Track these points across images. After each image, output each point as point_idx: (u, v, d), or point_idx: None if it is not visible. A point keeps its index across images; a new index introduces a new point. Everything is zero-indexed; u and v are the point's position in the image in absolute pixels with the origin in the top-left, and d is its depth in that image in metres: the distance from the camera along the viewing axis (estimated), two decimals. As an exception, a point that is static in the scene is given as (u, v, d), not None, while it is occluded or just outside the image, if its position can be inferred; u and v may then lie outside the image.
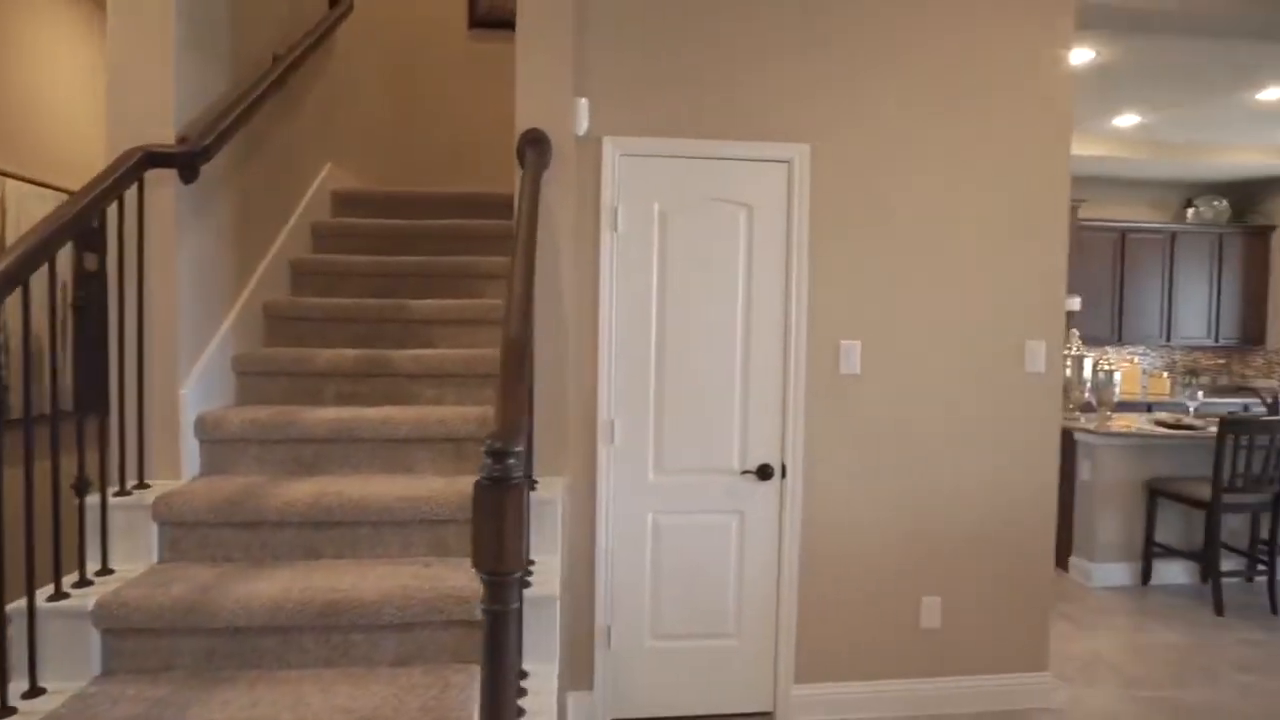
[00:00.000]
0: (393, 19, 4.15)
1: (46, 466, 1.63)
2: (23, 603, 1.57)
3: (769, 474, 2.71)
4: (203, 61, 2.28)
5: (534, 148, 2.28)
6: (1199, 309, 6.85)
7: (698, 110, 2.65)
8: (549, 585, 1.96)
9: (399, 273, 2.95)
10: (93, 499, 1.83)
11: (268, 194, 2.82)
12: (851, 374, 2.75)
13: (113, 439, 1.99)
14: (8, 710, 1.46)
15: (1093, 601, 4.07)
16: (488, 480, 1.11)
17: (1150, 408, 6.28)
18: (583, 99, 2.54)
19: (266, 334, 2.75)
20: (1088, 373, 4.74)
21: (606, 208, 2.61)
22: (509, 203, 2.58)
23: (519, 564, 1.12)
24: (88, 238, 1.91)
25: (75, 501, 1.79)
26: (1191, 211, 7.00)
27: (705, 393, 2.68)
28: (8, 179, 2.91)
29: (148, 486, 2.01)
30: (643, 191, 2.64)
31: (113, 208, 1.85)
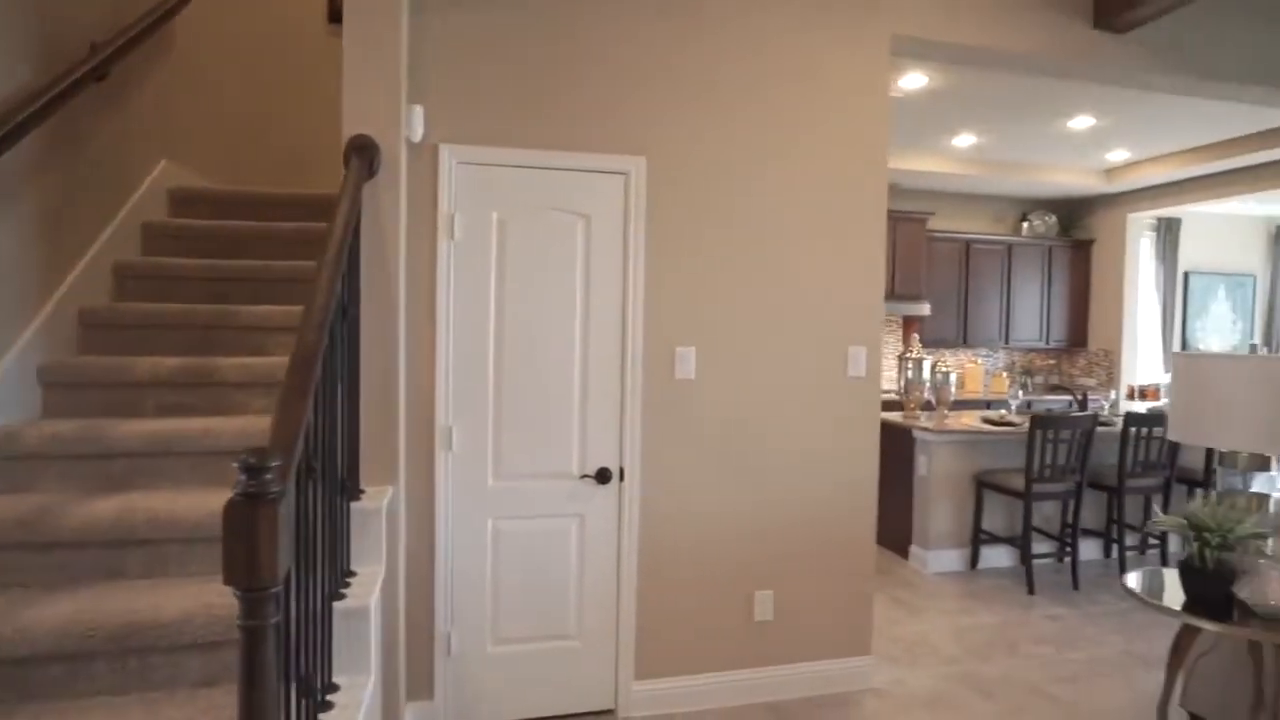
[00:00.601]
0: (245, 9, 3.98)
1: None
2: None
3: (608, 477, 2.79)
4: (-11, 52, 2.13)
5: (359, 154, 2.27)
6: (1032, 314, 7.51)
7: (537, 121, 2.70)
8: (364, 597, 1.95)
9: (235, 277, 2.85)
10: None
11: (86, 191, 2.66)
12: (687, 379, 2.87)
13: None
14: None
15: (927, 587, 4.40)
16: (240, 497, 1.12)
17: (990, 405, 6.85)
18: (418, 106, 2.55)
19: (83, 342, 2.59)
20: (927, 374, 5.11)
21: (443, 215, 2.61)
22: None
23: (273, 578, 1.13)
24: None
25: None
26: (1026, 225, 7.66)
27: (545, 399, 2.73)
28: None
29: (-83, 511, 1.87)
30: (481, 200, 2.66)
31: None
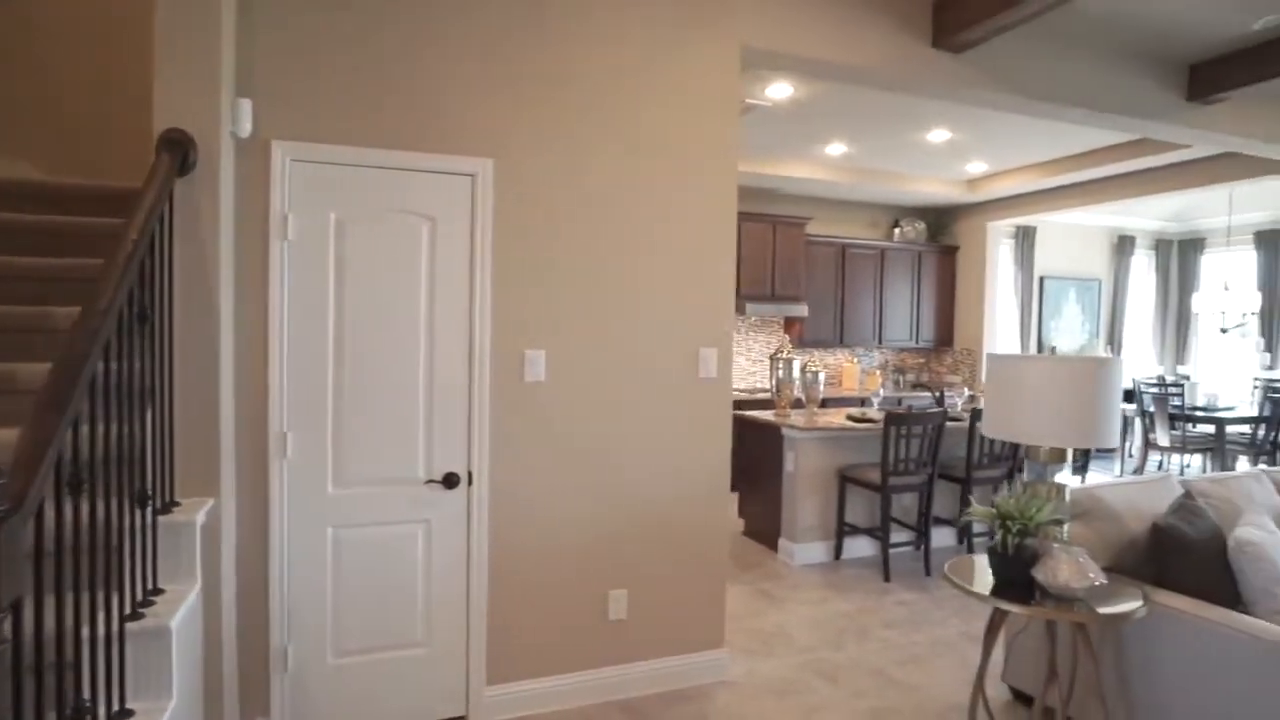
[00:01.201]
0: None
1: None
2: None
3: (455, 482, 2.75)
4: None
5: (170, 150, 2.14)
6: (904, 315, 7.92)
7: (380, 120, 2.63)
8: (167, 616, 1.85)
9: (55, 276, 2.63)
10: None
11: None
12: (537, 382, 2.87)
13: None
14: None
15: (793, 578, 4.57)
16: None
17: (864, 402, 7.18)
18: (246, 100, 2.43)
19: None
20: (797, 373, 5.30)
21: (276, 215, 2.51)
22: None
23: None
24: None
25: None
26: (898, 231, 8.07)
27: (388, 404, 2.67)
28: None
29: None
30: (319, 199, 2.57)
31: None
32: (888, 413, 4.41)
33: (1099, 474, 7.88)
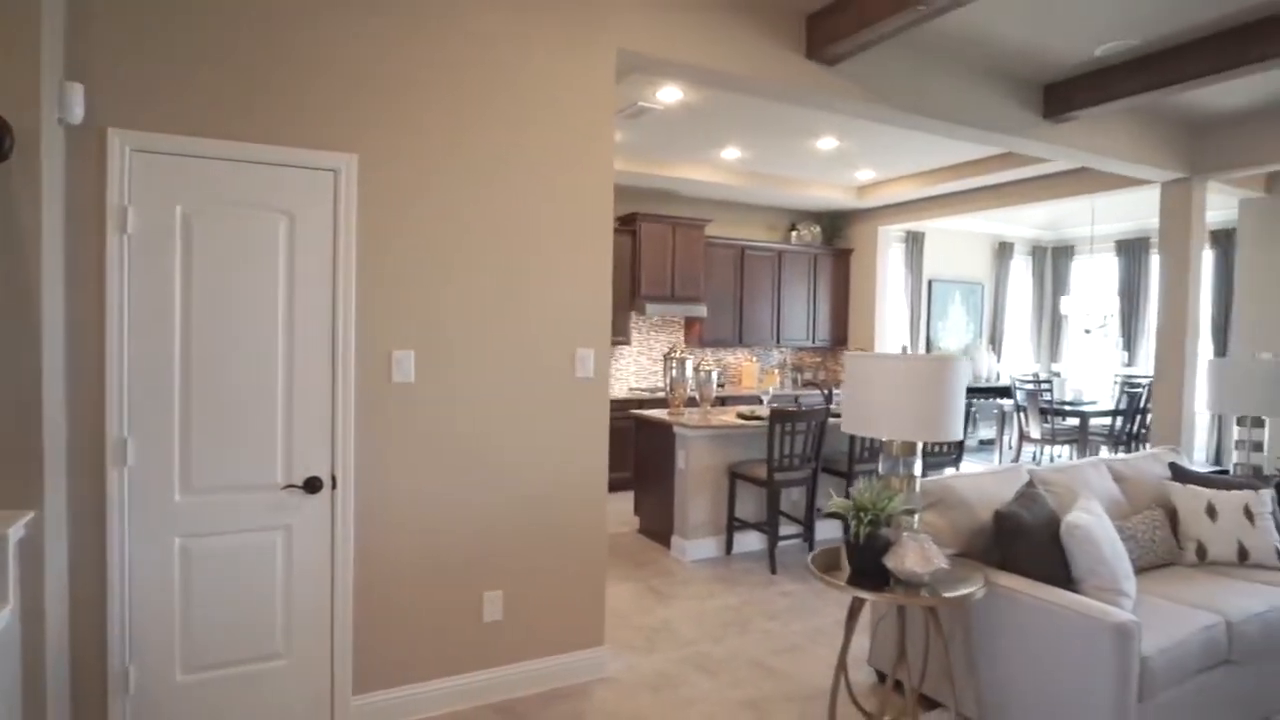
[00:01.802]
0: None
1: None
2: None
3: (318, 486, 2.66)
4: None
5: (-19, 134, 1.98)
6: (800, 316, 8.17)
7: (234, 111, 2.51)
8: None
9: None
10: None
11: None
12: (406, 383, 2.81)
13: None
14: None
15: (683, 574, 4.64)
16: None
17: (761, 399, 7.35)
18: (78, 84, 2.28)
19: None
20: (689, 372, 5.39)
21: (113, 207, 2.35)
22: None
23: None
24: None
25: None
26: (795, 234, 8.32)
27: (242, 406, 2.55)
28: None
29: None
30: (164, 192, 2.43)
31: None
32: (773, 410, 4.54)
33: (977, 466, 8.35)
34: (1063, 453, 8.40)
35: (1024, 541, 2.79)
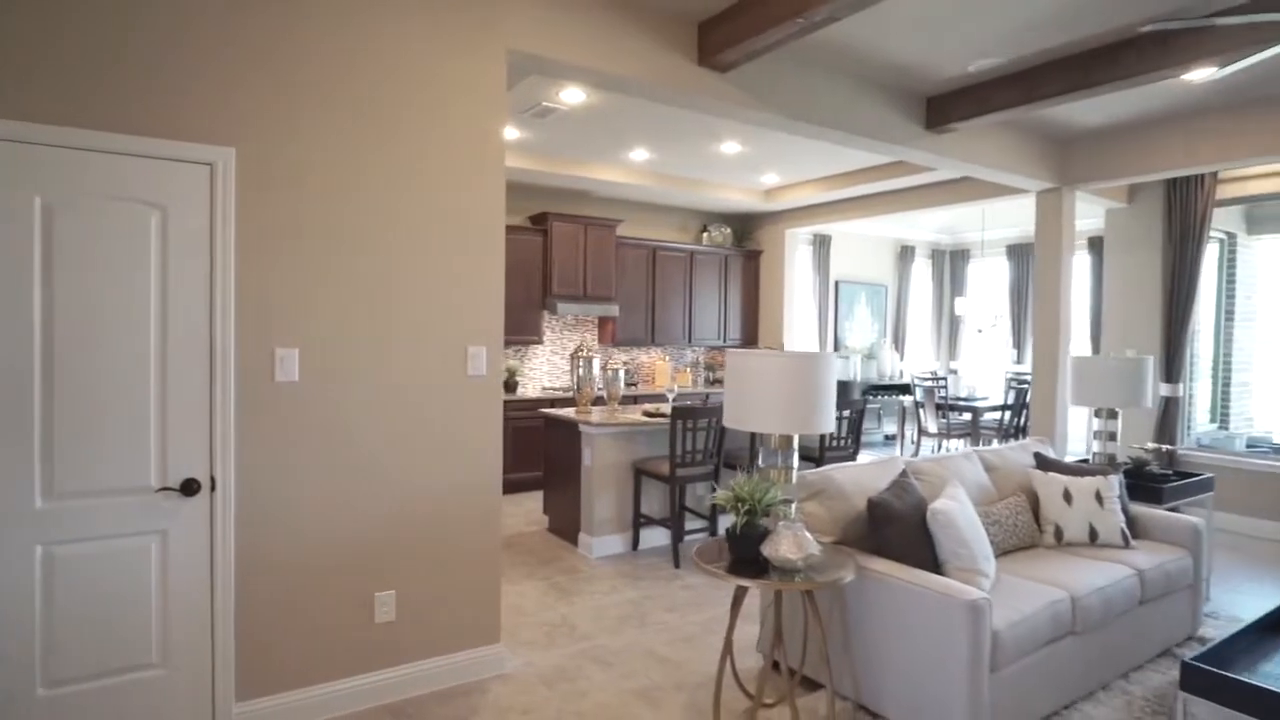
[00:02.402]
0: None
1: None
2: None
3: (195, 489, 2.59)
4: None
5: None
6: (712, 315, 8.36)
7: (99, 99, 2.41)
8: None
9: None
10: None
11: None
12: (290, 382, 2.76)
13: None
14: None
15: (589, 571, 4.70)
16: None
17: (679, 397, 7.49)
18: (-80, 67, 2.15)
19: None
20: (597, 371, 5.45)
21: (-38, 198, 2.24)
22: None
23: None
24: None
25: None
26: (706, 235, 8.51)
27: (111, 407, 2.46)
28: None
29: None
30: (18, 182, 2.32)
31: None
32: (674, 407, 4.65)
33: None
34: (957, 446, 8.88)
35: (894, 528, 2.97)
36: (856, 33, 3.87)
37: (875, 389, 9.35)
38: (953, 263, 10.61)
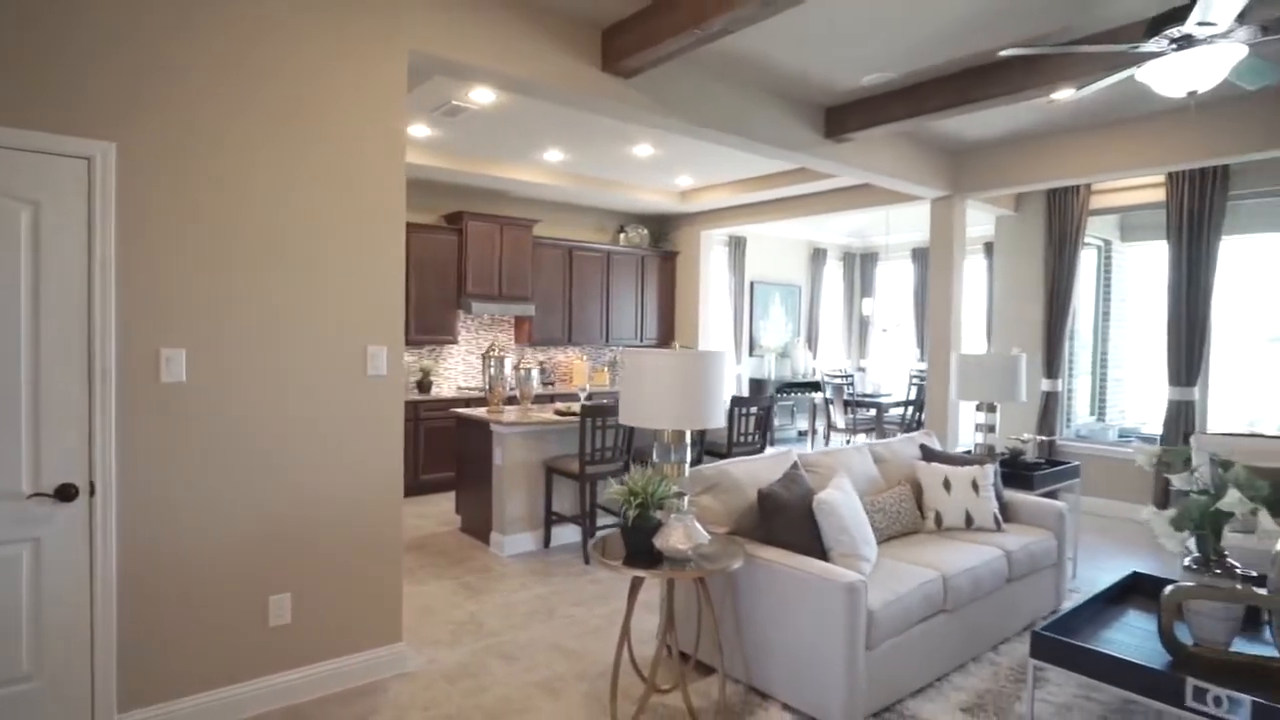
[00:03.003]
0: None
1: None
2: None
3: (73, 494, 2.50)
4: None
5: None
6: (629, 315, 8.47)
7: (-38, 88, 2.31)
8: None
9: None
10: None
11: None
12: (176, 382, 2.70)
13: None
14: None
15: (500, 569, 4.72)
16: None
17: (590, 396, 7.56)
18: None
19: None
20: (509, 370, 5.47)
21: None
22: None
23: None
24: None
25: None
26: (623, 236, 8.61)
27: (-23, 411, 2.36)
28: None
29: None
30: (-128, 174, 2.20)
31: None
32: (584, 406, 4.73)
33: (795, 455, 9.07)
34: (863, 440, 9.27)
35: (782, 517, 3.13)
36: (754, 45, 4.03)
37: (789, 386, 9.67)
38: (862, 265, 11.06)
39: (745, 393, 9.57)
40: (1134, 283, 7.16)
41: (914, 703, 3.01)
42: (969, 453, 4.58)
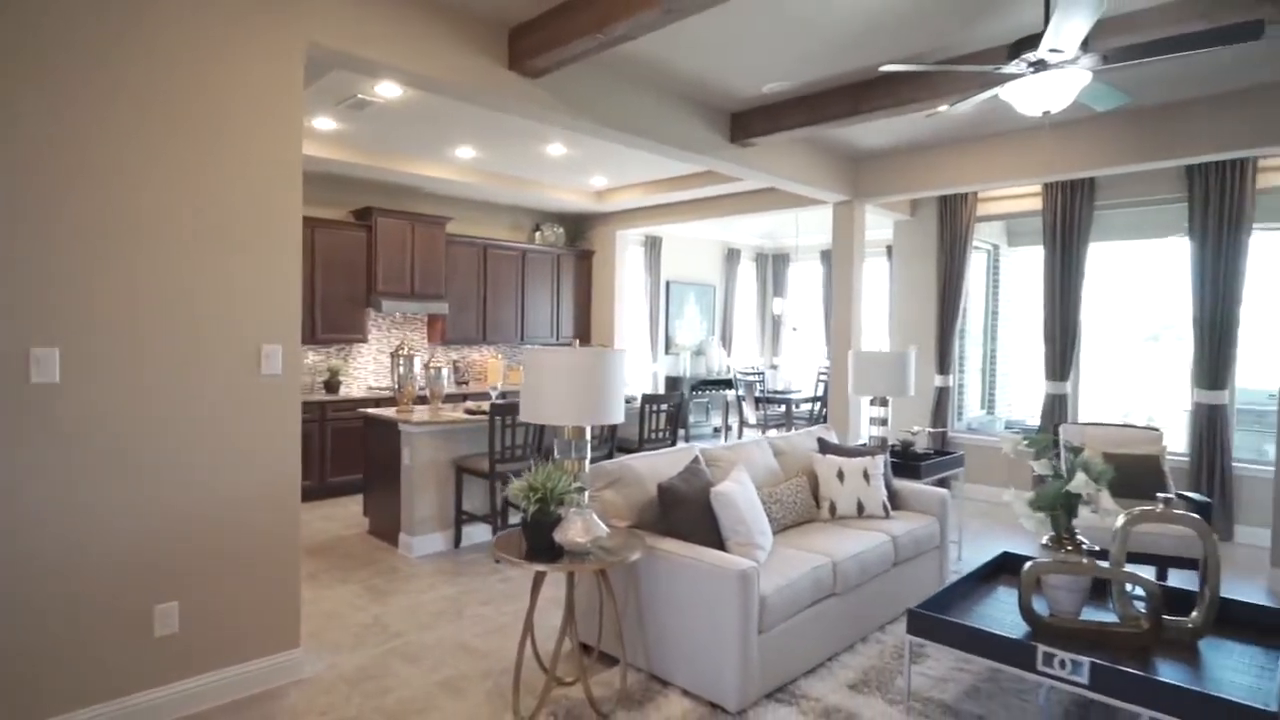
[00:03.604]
0: None
1: None
2: None
3: (-70, 503, 2.36)
4: None
5: None
6: (544, 314, 8.48)
7: None
8: None
9: None
10: None
11: None
12: (48, 383, 2.58)
13: None
14: None
15: (408, 570, 4.67)
16: None
17: (504, 395, 7.53)
18: None
19: None
20: (419, 369, 5.41)
21: None
22: None
23: None
24: None
25: None
26: (539, 235, 8.62)
27: None
28: None
29: None
30: None
31: None
32: (493, 404, 4.73)
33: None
34: (774, 435, 9.57)
35: (682, 509, 3.23)
36: (660, 51, 4.13)
37: (704, 384, 9.88)
38: (774, 265, 11.39)
39: (662, 390, 9.72)
40: (1020, 285, 7.67)
41: (805, 682, 3.17)
42: (865, 445, 4.82)
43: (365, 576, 4.55)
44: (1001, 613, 2.99)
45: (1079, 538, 2.86)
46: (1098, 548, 2.86)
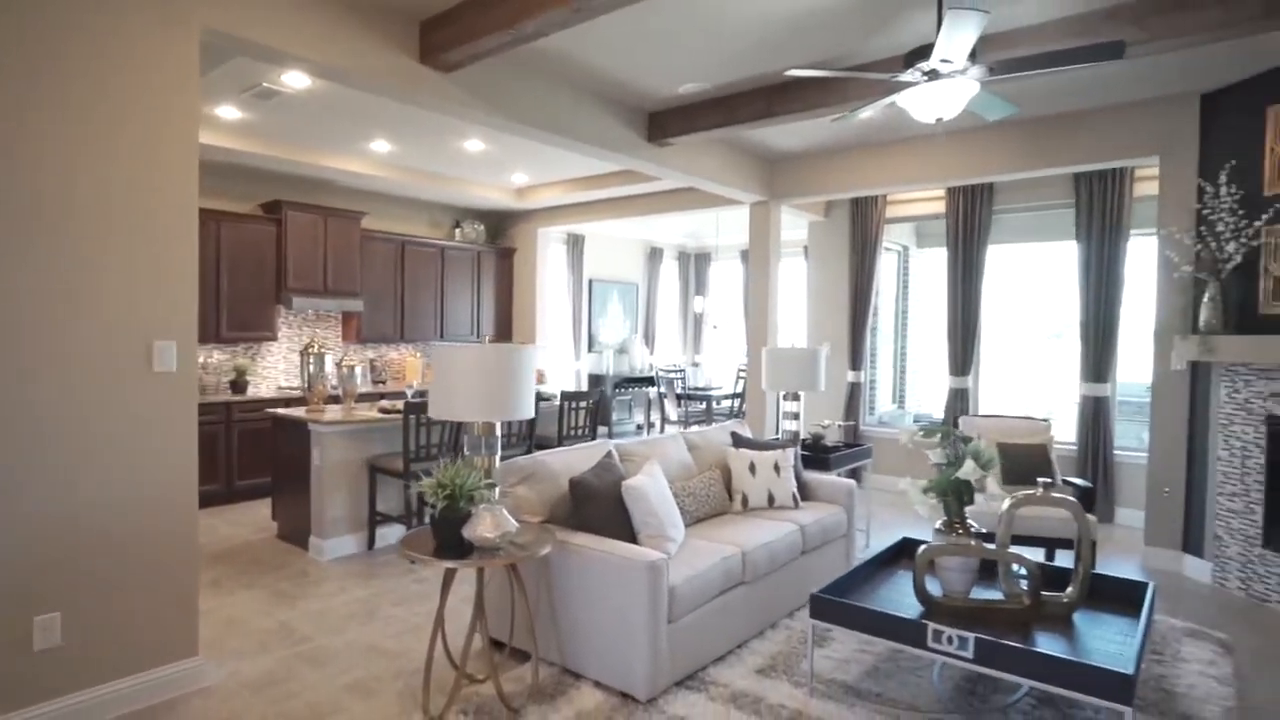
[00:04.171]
0: None
1: None
2: None
3: None
4: None
5: None
6: (465, 312, 8.36)
7: None
8: None
9: None
10: None
11: None
12: (-91, 384, 2.40)
13: None
14: None
15: (319, 574, 4.54)
16: None
17: (422, 394, 7.40)
18: None
19: None
20: (331, 368, 5.26)
21: None
22: None
23: None
24: None
25: None
26: (459, 232, 8.50)
27: None
28: None
29: None
30: None
31: None
32: (407, 403, 4.65)
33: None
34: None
35: (594, 504, 3.27)
36: (574, 48, 4.15)
37: (627, 381, 9.94)
38: (696, 264, 11.56)
39: (585, 387, 9.73)
40: (928, 284, 8.03)
41: (714, 669, 3.25)
42: (777, 439, 4.97)
43: (271, 581, 4.40)
44: (899, 595, 3.14)
45: (970, 522, 3.04)
46: (986, 531, 3.04)
